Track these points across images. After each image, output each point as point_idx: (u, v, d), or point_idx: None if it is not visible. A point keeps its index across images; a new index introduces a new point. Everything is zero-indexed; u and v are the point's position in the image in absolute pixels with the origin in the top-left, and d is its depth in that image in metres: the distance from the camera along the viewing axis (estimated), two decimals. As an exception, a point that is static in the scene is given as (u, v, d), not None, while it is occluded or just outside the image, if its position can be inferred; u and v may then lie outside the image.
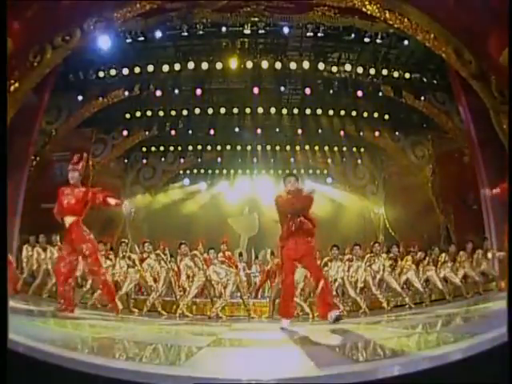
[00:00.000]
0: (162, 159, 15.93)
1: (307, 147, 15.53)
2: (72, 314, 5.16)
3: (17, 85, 8.01)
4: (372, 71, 11.50)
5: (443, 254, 8.81)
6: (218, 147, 15.41)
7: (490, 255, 8.86)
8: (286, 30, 10.42)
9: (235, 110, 13.28)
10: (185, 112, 13.20)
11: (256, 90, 12.06)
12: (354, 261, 8.12)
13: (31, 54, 8.14)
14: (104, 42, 10.24)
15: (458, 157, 12.81)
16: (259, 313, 8.42)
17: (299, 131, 14.45)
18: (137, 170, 16.14)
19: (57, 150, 12.12)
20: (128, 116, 13.32)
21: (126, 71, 11.30)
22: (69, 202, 5.32)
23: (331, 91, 12.25)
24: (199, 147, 15.35)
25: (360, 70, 11.44)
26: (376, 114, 13.32)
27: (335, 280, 7.83)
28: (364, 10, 8.75)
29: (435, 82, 11.72)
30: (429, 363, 1.81)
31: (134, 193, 15.88)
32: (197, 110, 13.11)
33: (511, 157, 3.70)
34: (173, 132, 14.22)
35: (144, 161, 15.88)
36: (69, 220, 5.32)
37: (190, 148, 15.43)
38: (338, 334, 4.41)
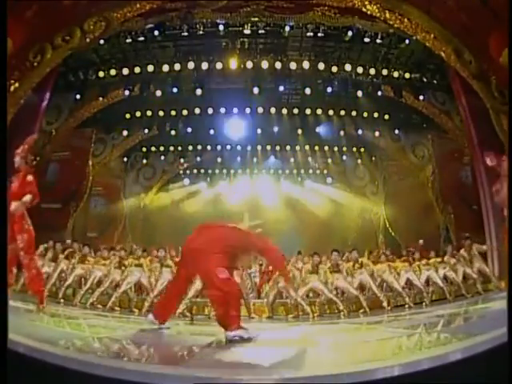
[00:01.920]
0: (162, 159, 15.94)
1: (307, 147, 15.51)
2: None
3: (17, 85, 8.00)
4: (372, 71, 11.50)
5: (432, 260, 8.84)
6: (218, 147, 15.41)
7: (474, 251, 8.82)
8: (286, 29, 10.43)
9: (235, 110, 13.29)
10: (185, 112, 13.20)
11: (256, 90, 12.06)
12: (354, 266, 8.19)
13: (31, 54, 8.12)
14: (104, 42, 10.26)
15: (457, 157, 12.81)
16: (259, 313, 8.41)
17: (299, 131, 14.45)
18: (137, 170, 16.12)
19: (57, 149, 12.12)
20: (128, 116, 13.31)
21: (126, 71, 11.29)
22: (13, 187, 5.06)
23: (331, 91, 12.25)
24: (199, 147, 15.36)
25: (360, 69, 11.43)
26: (376, 114, 13.31)
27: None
28: (364, 10, 8.73)
29: (435, 81, 11.72)
30: (429, 363, 1.81)
31: (134, 193, 15.87)
32: (197, 110, 13.12)
33: (511, 157, 3.70)
34: (173, 132, 14.22)
35: (144, 161, 15.86)
36: (13, 206, 4.98)
37: (190, 148, 15.43)
38: (337, 334, 4.41)
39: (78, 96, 11.67)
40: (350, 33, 10.30)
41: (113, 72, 11.33)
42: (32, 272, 5.21)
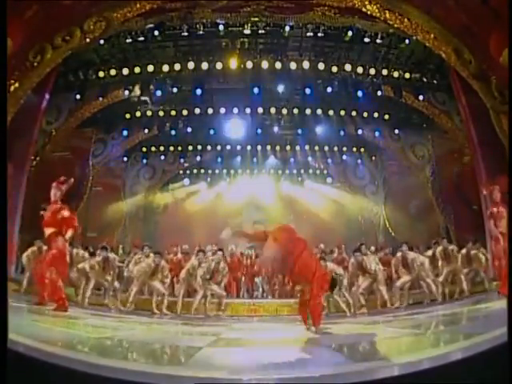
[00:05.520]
0: (162, 159, 15.94)
1: (307, 147, 15.53)
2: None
3: (17, 85, 8.00)
4: (372, 71, 11.50)
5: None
6: (218, 147, 15.42)
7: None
8: (286, 29, 10.43)
9: (235, 110, 13.30)
10: (185, 112, 13.21)
11: (256, 90, 12.06)
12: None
13: (31, 53, 8.13)
14: (104, 42, 10.26)
15: (457, 157, 12.81)
16: (258, 312, 8.41)
17: (299, 131, 14.45)
18: (137, 170, 16.13)
19: (57, 149, 12.11)
20: (128, 116, 13.32)
21: (126, 71, 11.30)
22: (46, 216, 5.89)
23: (331, 91, 12.25)
24: (199, 147, 15.37)
25: (360, 69, 11.43)
26: (376, 114, 13.32)
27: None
28: (364, 10, 8.74)
29: (435, 81, 11.72)
30: (429, 363, 1.81)
31: (134, 193, 15.87)
32: (197, 110, 13.12)
33: (511, 157, 3.70)
34: (173, 132, 14.23)
35: (144, 161, 15.88)
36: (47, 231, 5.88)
37: (190, 148, 15.43)
38: (338, 334, 4.41)
39: (78, 96, 11.66)
40: (350, 33, 10.30)
41: (113, 72, 11.33)
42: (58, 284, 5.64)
